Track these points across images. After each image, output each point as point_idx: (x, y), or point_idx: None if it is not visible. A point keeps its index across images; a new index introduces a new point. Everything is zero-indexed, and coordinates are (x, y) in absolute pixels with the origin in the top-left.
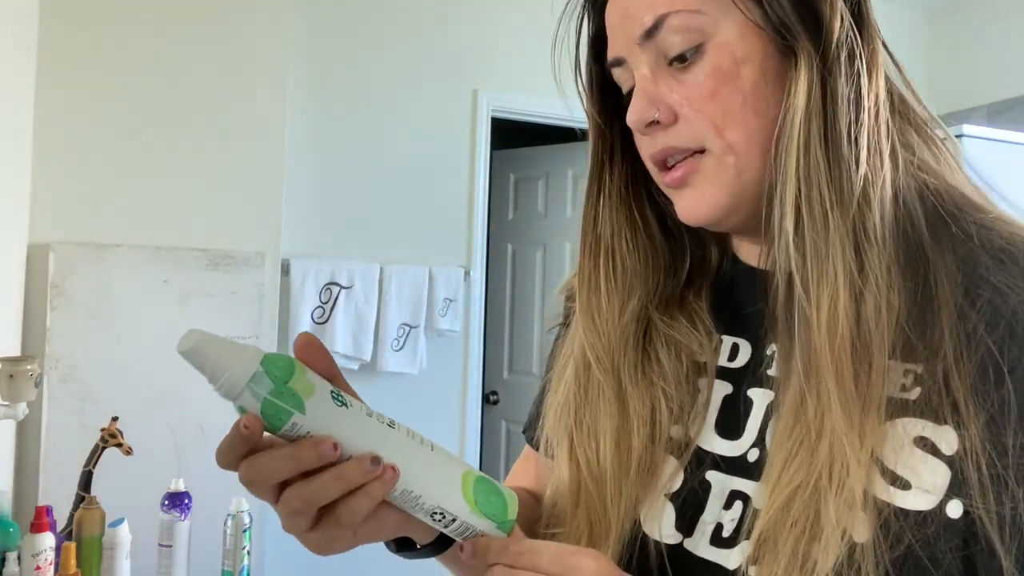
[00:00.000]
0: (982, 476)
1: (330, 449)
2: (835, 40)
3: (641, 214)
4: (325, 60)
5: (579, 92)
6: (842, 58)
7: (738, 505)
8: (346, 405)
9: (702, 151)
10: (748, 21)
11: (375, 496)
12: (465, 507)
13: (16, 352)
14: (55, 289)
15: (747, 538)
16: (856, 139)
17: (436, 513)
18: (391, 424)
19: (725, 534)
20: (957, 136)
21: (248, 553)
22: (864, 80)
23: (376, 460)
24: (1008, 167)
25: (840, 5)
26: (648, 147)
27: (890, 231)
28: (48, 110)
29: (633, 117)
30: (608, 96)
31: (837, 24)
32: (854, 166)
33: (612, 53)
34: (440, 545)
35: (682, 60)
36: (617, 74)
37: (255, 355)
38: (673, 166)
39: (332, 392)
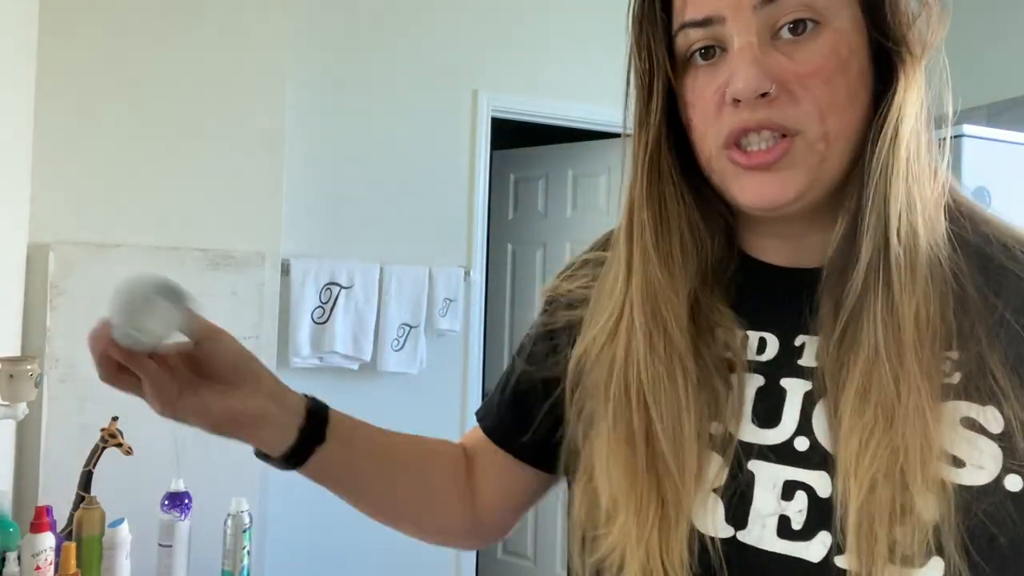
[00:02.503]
0: None
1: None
2: (917, 54)
3: (694, 186)
4: (325, 60)
5: (634, 44)
6: (921, 72)
7: (801, 496)
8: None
9: (795, 134)
10: (861, 18)
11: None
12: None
13: (16, 352)
14: (55, 289)
15: (825, 528)
16: (930, 147)
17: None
18: None
19: (795, 526)
20: (957, 136)
21: (248, 553)
22: (930, 93)
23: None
24: (1008, 167)
25: (915, 24)
26: (737, 120)
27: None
28: (48, 110)
29: (741, 85)
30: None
31: (916, 41)
32: (931, 173)
33: (708, 10)
34: (291, 460)
35: (795, 34)
36: (693, 34)
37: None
38: (748, 150)
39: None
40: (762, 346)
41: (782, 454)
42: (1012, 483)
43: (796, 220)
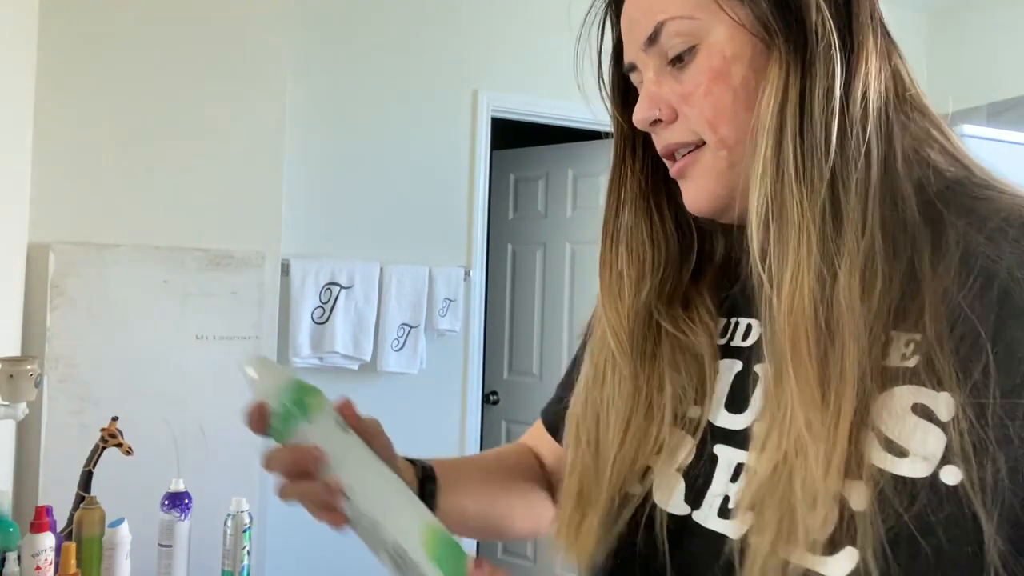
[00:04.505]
0: (964, 440)
1: (311, 455)
2: (815, 37)
3: (659, 207)
4: (325, 60)
5: (601, 95)
6: (823, 54)
7: (743, 477)
8: (346, 432)
9: (702, 144)
10: (735, 23)
11: (332, 523)
12: (424, 555)
13: (16, 352)
14: (55, 289)
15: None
16: (833, 130)
17: (396, 556)
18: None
19: (731, 506)
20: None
21: (248, 553)
22: (851, 73)
23: (340, 493)
24: (1008, 167)
25: (823, 4)
26: (657, 143)
27: (875, 214)
28: (48, 110)
29: (637, 117)
30: (629, 97)
31: (818, 22)
32: (824, 155)
33: (626, 59)
34: None
35: (680, 61)
36: (634, 78)
37: (291, 376)
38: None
39: (337, 419)
40: (747, 332)
41: (741, 438)
42: (949, 475)
43: None
